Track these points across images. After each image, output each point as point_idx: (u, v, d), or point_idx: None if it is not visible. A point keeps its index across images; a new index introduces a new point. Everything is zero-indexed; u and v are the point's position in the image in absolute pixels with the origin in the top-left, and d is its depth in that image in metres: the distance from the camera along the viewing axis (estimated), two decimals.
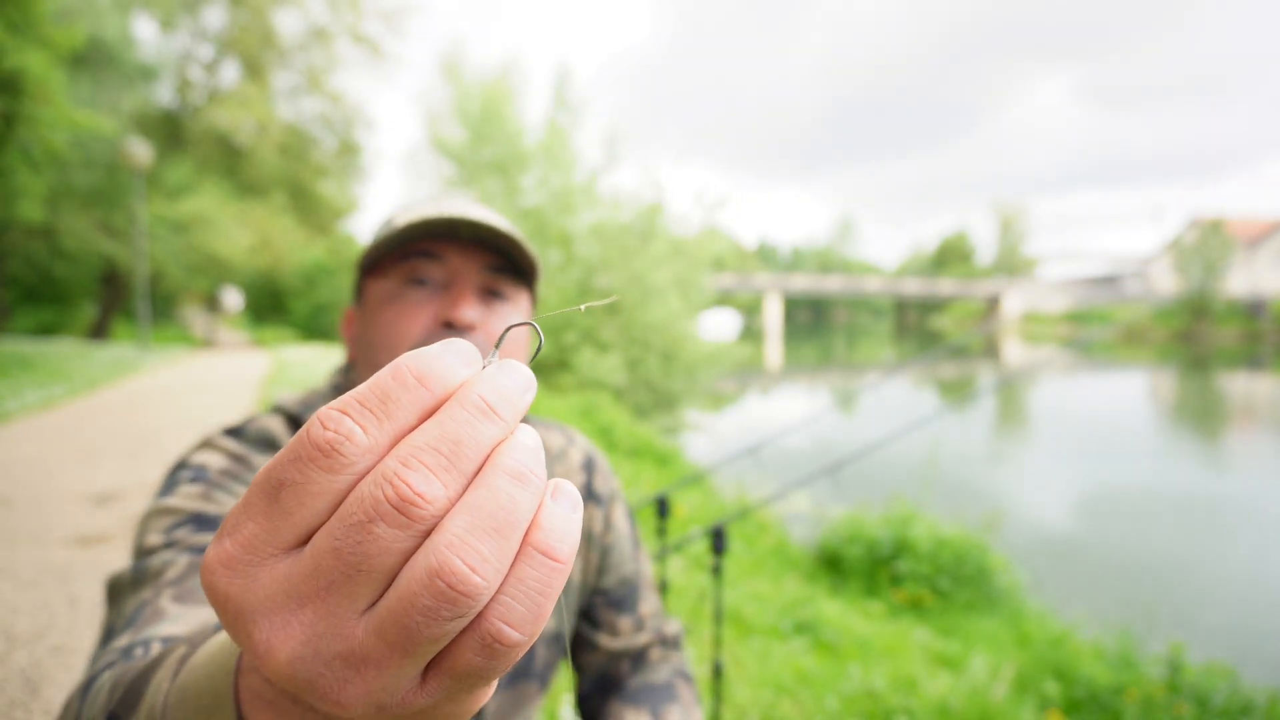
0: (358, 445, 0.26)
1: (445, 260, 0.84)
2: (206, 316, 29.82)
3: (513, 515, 0.26)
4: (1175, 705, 3.27)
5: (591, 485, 1.02)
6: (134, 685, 0.44)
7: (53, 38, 9.46)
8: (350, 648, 0.25)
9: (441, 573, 0.24)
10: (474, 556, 0.24)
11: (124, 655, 0.56)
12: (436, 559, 0.24)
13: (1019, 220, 76.12)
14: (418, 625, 0.24)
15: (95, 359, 13.23)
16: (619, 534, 1.03)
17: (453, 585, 0.24)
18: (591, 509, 1.02)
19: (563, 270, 13.22)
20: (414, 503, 0.25)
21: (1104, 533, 7.49)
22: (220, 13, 20.99)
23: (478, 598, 0.24)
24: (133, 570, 0.69)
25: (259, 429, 0.87)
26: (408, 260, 0.84)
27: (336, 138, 23.80)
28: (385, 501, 0.25)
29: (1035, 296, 61.64)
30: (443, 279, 0.85)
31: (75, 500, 4.44)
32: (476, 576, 0.24)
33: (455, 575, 0.24)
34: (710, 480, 7.09)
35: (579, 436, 1.06)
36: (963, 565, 4.85)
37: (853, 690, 3.07)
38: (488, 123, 14.34)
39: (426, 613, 0.24)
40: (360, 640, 0.25)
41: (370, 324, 0.86)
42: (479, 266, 0.85)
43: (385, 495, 0.25)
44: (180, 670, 0.40)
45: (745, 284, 59.07)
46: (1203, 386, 22.45)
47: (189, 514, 0.74)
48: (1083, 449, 11.95)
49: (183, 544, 0.71)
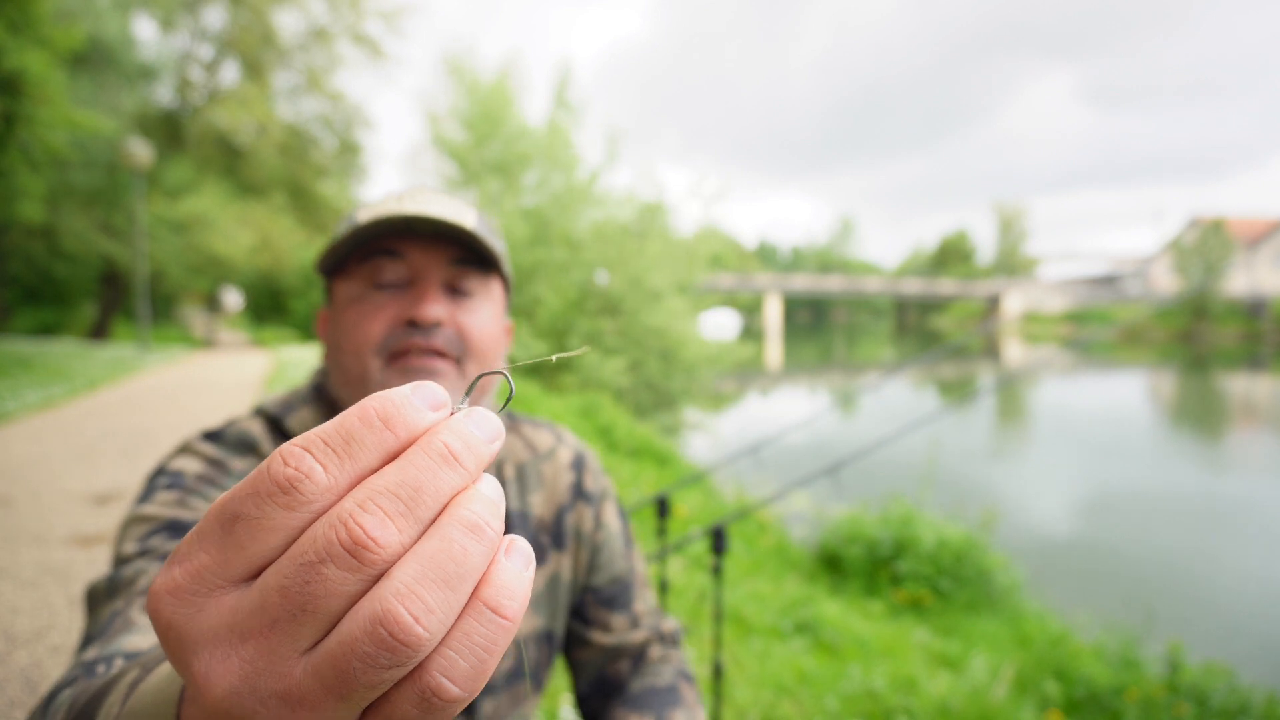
0: (317, 484, 0.26)
1: (407, 258, 0.83)
2: (206, 316, 29.81)
3: (463, 567, 0.25)
4: (1174, 705, 3.27)
5: (581, 483, 1.01)
6: (87, 709, 0.44)
7: (53, 38, 9.46)
8: (287, 687, 0.25)
9: (385, 620, 0.24)
10: (419, 606, 0.24)
11: (87, 671, 0.56)
12: (381, 606, 0.24)
13: (1019, 220, 76.11)
14: (355, 671, 0.24)
15: (95, 359, 13.23)
16: (610, 532, 1.02)
17: (394, 634, 0.23)
18: (581, 507, 1.00)
19: (564, 270, 13.22)
20: (366, 546, 0.24)
21: (1103, 533, 7.49)
22: (220, 13, 20.99)
23: (419, 649, 0.24)
24: (107, 579, 0.69)
25: (238, 432, 0.86)
26: (370, 260, 0.83)
27: (336, 138, 23.79)
28: (338, 543, 0.24)
29: (1035, 296, 61.65)
30: (406, 277, 0.84)
31: (75, 500, 4.44)
32: (419, 627, 0.24)
33: (398, 624, 0.23)
34: (710, 480, 7.09)
35: (569, 435, 1.06)
36: (963, 565, 4.85)
37: (853, 690, 3.07)
38: (488, 122, 14.35)
39: (365, 659, 0.24)
40: (297, 680, 0.24)
41: (337, 326, 0.85)
42: (443, 261, 0.84)
43: (338, 537, 0.24)
44: (130, 695, 0.40)
45: (745, 284, 59.07)
46: (1202, 387, 22.46)
47: (164, 521, 0.74)
48: (1082, 449, 11.95)
49: (156, 552, 0.71)
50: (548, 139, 14.02)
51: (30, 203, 10.49)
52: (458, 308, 0.85)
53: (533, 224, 13.69)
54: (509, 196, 14.19)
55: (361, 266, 0.84)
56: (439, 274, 0.84)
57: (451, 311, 0.84)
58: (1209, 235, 43.00)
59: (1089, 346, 32.07)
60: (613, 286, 12.71)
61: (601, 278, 12.86)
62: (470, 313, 0.85)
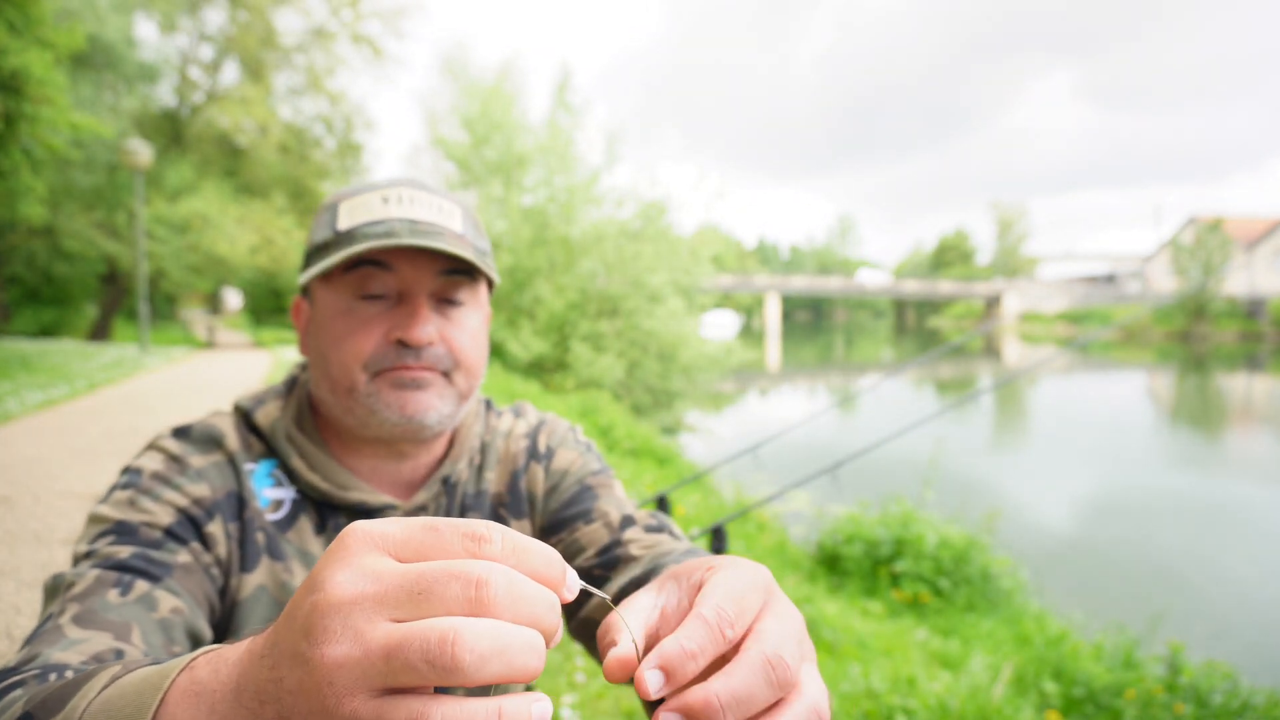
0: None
1: (397, 270, 0.80)
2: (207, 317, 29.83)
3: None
4: (1174, 705, 3.28)
5: (535, 446, 0.96)
6: (54, 698, 0.44)
7: (53, 38, 9.45)
8: (361, 632, 0.31)
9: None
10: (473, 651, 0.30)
11: (16, 672, 0.54)
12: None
13: (1019, 221, 76.12)
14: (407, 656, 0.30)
15: (96, 359, 13.24)
16: (563, 469, 0.93)
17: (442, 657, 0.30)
18: (533, 467, 0.94)
19: (565, 270, 13.24)
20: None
21: (1103, 533, 7.50)
22: (220, 13, 21.00)
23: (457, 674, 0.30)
24: (55, 578, 0.69)
25: (205, 428, 0.86)
26: (356, 269, 0.80)
27: (336, 138, 23.80)
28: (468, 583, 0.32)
29: (1034, 296, 61.66)
30: (395, 289, 0.81)
31: (76, 500, 4.45)
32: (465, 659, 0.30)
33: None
34: (710, 480, 7.10)
35: (531, 410, 1.02)
36: (963, 565, 4.85)
37: (852, 690, 3.07)
38: (488, 124, 14.35)
39: (418, 653, 0.30)
40: (372, 635, 0.31)
41: (322, 334, 0.83)
42: (432, 273, 0.81)
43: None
44: (108, 686, 0.41)
45: (745, 284, 59.09)
46: (1201, 387, 22.46)
47: (113, 522, 0.74)
48: (1082, 449, 11.96)
49: (98, 555, 0.70)
50: (548, 139, 14.03)
51: (31, 203, 10.49)
52: (447, 321, 0.83)
53: (533, 224, 13.69)
54: (509, 197, 14.20)
55: (347, 276, 0.81)
56: (428, 285, 0.82)
57: (441, 328, 0.82)
58: (1207, 235, 42.95)
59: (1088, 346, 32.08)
60: (613, 287, 12.73)
61: (601, 278, 12.87)
62: (458, 325, 0.84)
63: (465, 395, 0.87)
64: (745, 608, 0.39)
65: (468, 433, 0.94)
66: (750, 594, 0.40)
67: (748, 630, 0.38)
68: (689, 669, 0.35)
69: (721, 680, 0.35)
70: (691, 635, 0.36)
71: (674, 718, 0.35)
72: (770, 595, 0.41)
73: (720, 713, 0.34)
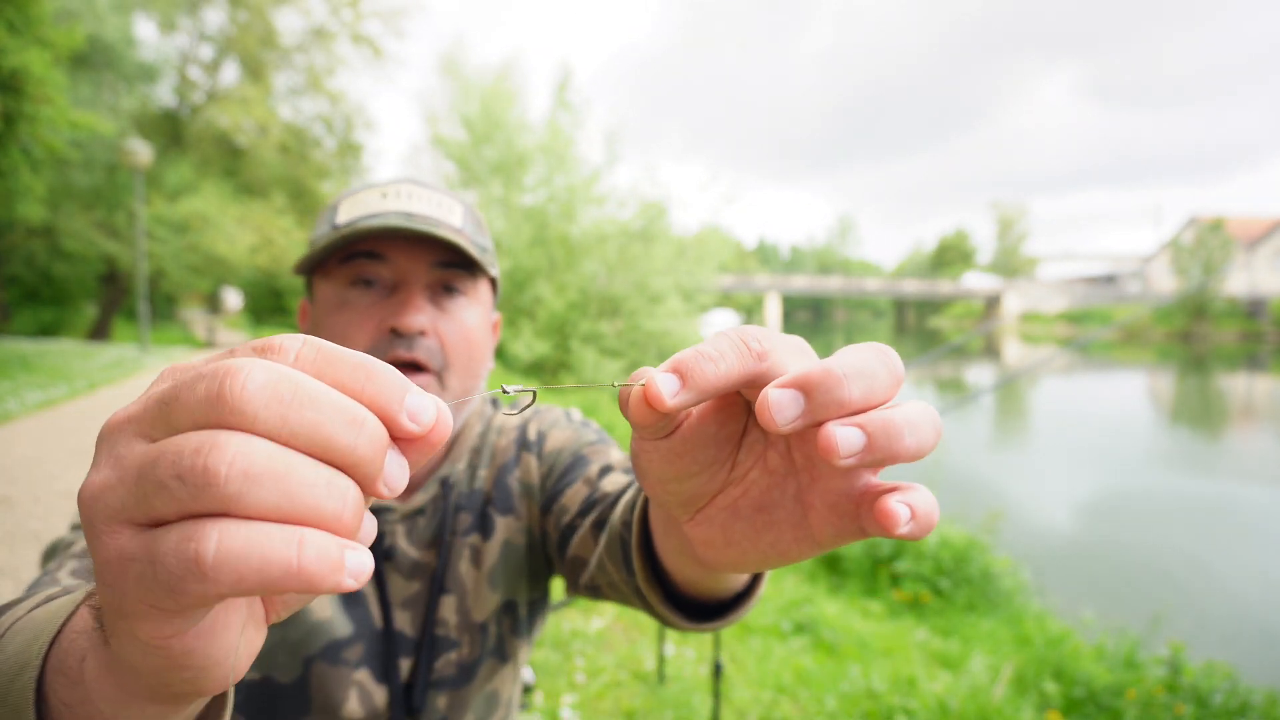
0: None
1: (391, 260, 0.81)
2: (206, 317, 29.81)
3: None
4: (1175, 706, 3.27)
5: (524, 437, 0.95)
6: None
7: (53, 38, 9.45)
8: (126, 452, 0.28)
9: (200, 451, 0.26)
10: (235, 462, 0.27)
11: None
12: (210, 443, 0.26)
13: (1019, 221, 76.09)
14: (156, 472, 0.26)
15: (96, 359, 13.24)
16: (555, 449, 0.91)
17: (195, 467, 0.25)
18: (525, 457, 0.92)
19: (566, 270, 13.23)
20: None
21: (1102, 533, 7.49)
22: (220, 13, 21.00)
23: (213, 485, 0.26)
24: (52, 543, 0.73)
25: None
26: (352, 260, 0.81)
27: (336, 138, 23.80)
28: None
29: (1034, 296, 61.64)
30: (390, 279, 0.82)
31: (75, 500, 4.44)
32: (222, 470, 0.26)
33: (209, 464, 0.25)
34: None
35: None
36: (963, 565, 4.85)
37: (852, 690, 3.07)
38: (488, 123, 14.35)
39: (169, 469, 0.26)
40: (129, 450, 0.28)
41: (321, 328, 0.83)
42: (427, 264, 0.82)
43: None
44: (42, 605, 0.42)
45: (745, 284, 59.09)
46: (1202, 387, 22.46)
47: None
48: (1081, 449, 11.96)
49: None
50: (548, 139, 14.03)
51: (31, 203, 10.49)
52: (442, 313, 0.83)
53: (533, 224, 13.69)
54: (510, 196, 14.20)
55: (343, 267, 0.82)
56: (423, 277, 0.82)
57: (435, 319, 0.82)
58: (1208, 235, 42.94)
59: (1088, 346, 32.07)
60: (614, 288, 12.74)
61: (602, 279, 12.88)
62: (454, 318, 0.84)
63: (458, 398, 0.86)
64: (773, 336, 0.34)
65: (469, 433, 0.94)
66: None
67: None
68: (706, 369, 0.32)
69: (839, 355, 0.32)
70: (708, 342, 0.33)
71: (786, 394, 0.30)
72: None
73: (843, 380, 0.30)
